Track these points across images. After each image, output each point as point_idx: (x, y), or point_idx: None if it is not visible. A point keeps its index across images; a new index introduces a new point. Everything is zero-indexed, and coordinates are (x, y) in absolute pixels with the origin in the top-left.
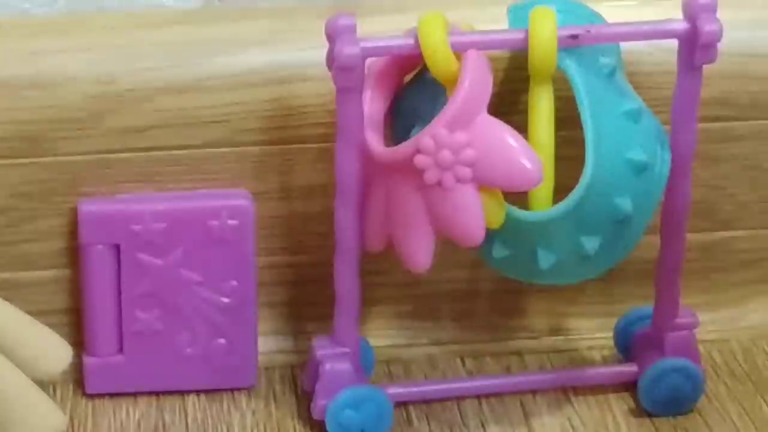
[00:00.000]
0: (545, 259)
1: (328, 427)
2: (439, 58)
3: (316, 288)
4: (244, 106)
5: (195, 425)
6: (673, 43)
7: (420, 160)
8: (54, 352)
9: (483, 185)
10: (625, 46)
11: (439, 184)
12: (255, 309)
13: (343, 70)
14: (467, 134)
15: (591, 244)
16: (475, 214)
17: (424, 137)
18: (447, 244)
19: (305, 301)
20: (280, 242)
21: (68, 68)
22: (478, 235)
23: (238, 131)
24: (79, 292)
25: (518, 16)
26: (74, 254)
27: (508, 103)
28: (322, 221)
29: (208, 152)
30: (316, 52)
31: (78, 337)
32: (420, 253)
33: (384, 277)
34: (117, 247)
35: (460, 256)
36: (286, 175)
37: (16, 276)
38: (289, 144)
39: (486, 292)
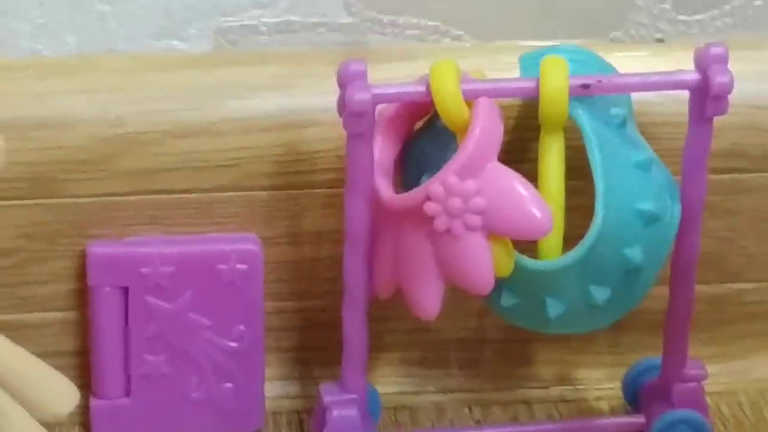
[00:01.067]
0: (554, 309)
1: None
2: (450, 105)
3: (324, 333)
4: (254, 150)
5: None
6: (684, 94)
7: (430, 207)
8: (61, 393)
9: (492, 233)
10: (636, 96)
11: (449, 231)
12: (262, 353)
13: (354, 116)
14: (477, 182)
15: (600, 294)
16: (484, 263)
17: (434, 184)
18: (455, 292)
19: (312, 347)
20: (288, 287)
21: (77, 110)
22: (487, 284)
23: (247, 175)
24: (86, 335)
25: (530, 64)
26: (81, 296)
27: (518, 151)
28: (331, 266)
29: (217, 196)
30: (327, 97)
31: (85, 379)
32: (428, 300)
33: (392, 324)
34: (125, 290)
35: (468, 303)
36: (295, 220)
37: (23, 317)
38: (298, 189)
39: (494, 340)
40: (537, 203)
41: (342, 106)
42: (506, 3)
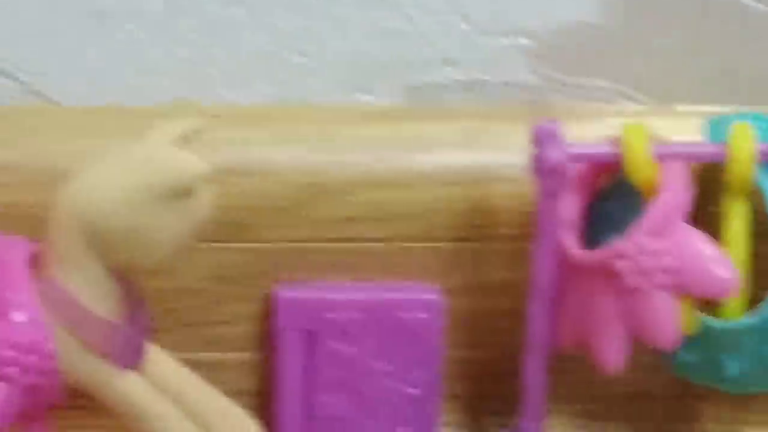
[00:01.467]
0: (732, 367)
1: None
2: (641, 167)
3: (500, 383)
4: (441, 203)
5: None
6: None
7: (620, 264)
8: (242, 429)
9: (679, 292)
10: None
11: (638, 289)
12: (439, 400)
13: (549, 175)
14: (667, 242)
15: None
16: (671, 320)
17: (625, 243)
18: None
19: (487, 395)
20: (467, 337)
21: (275, 158)
22: (674, 340)
23: (433, 227)
24: (268, 376)
25: (717, 129)
26: (265, 338)
27: (702, 212)
28: (509, 318)
29: (403, 246)
30: (511, 154)
31: (265, 419)
32: (614, 354)
33: (569, 376)
34: (310, 333)
35: (639, 358)
36: (477, 272)
37: (209, 356)
38: (481, 242)
39: (663, 396)
40: (724, 264)
41: (537, 164)
42: (687, 67)
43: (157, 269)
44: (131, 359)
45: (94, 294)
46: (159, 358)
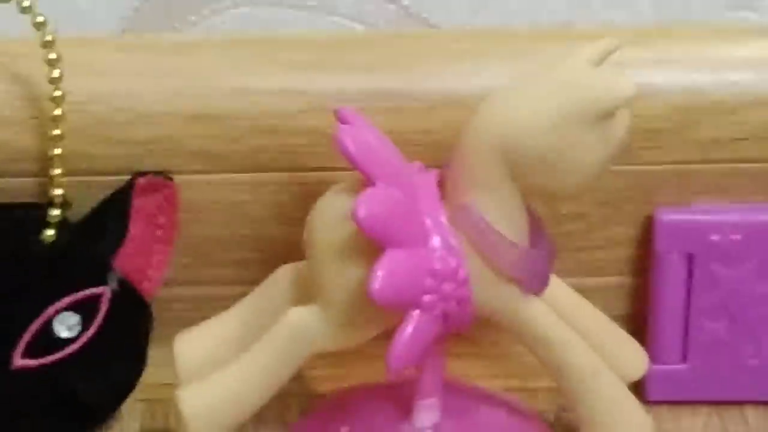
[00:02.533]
0: None
1: None
2: None
3: None
4: None
5: None
6: None
7: None
8: (633, 357)
9: None
10: None
11: None
12: None
13: None
14: None
15: None
16: None
17: None
18: None
19: None
20: None
21: (655, 79)
22: None
23: None
24: (643, 300)
25: None
26: (641, 262)
27: None
28: None
29: None
30: None
31: (641, 344)
32: None
33: None
34: (690, 257)
35: None
36: None
37: (588, 281)
38: None
39: None
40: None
41: None
42: None
43: (575, 194)
44: (539, 286)
45: (507, 219)
46: (555, 284)
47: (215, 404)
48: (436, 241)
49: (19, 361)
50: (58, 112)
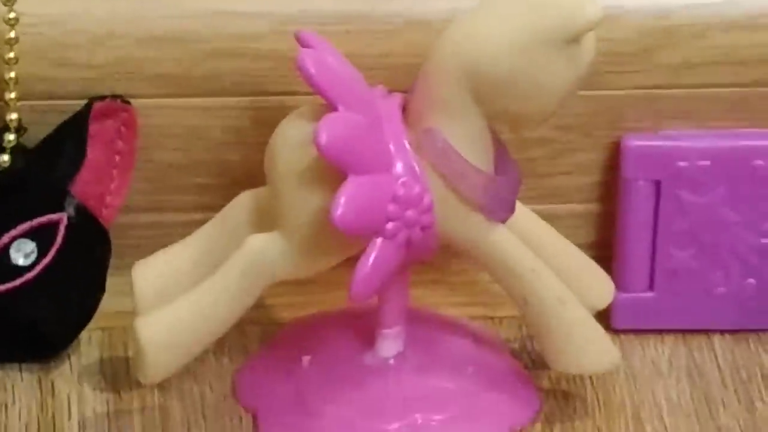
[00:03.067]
0: None
1: None
2: None
3: None
4: None
5: (726, 365)
6: None
7: None
8: (599, 285)
9: None
10: None
11: None
12: None
13: None
14: None
15: None
16: None
17: None
18: None
19: None
20: None
21: (622, 2)
22: None
23: None
24: (610, 227)
25: None
26: (608, 189)
27: None
28: None
29: (753, 91)
30: None
31: (608, 272)
32: None
33: None
34: (657, 183)
35: None
36: None
37: (550, 208)
38: None
39: None
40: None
41: None
42: None
43: (541, 120)
44: (504, 213)
45: (472, 146)
46: (520, 211)
47: (173, 333)
48: (399, 167)
49: None
50: (12, 34)
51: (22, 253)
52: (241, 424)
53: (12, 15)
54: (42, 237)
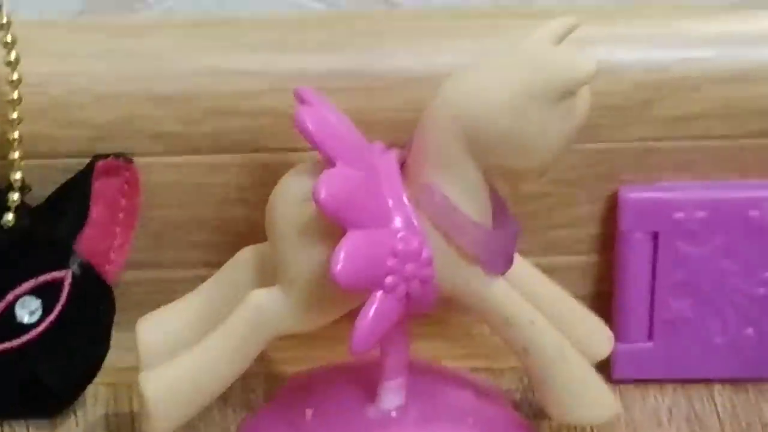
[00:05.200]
0: None
1: None
2: None
3: None
4: None
5: (726, 414)
6: None
7: None
8: (598, 336)
9: None
10: None
11: None
12: None
13: None
14: None
15: None
16: None
17: None
18: None
19: None
20: None
21: (617, 56)
22: None
23: None
24: (609, 279)
25: None
26: (605, 241)
27: None
28: None
29: (752, 143)
30: None
31: (606, 323)
32: None
33: None
34: (655, 235)
35: None
36: None
37: (548, 261)
38: None
39: None
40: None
41: None
42: None
43: (537, 173)
44: (503, 266)
45: (469, 199)
46: (519, 263)
47: (177, 388)
48: (398, 221)
49: None
50: (15, 95)
51: (27, 311)
52: None
53: (15, 77)
54: (47, 294)
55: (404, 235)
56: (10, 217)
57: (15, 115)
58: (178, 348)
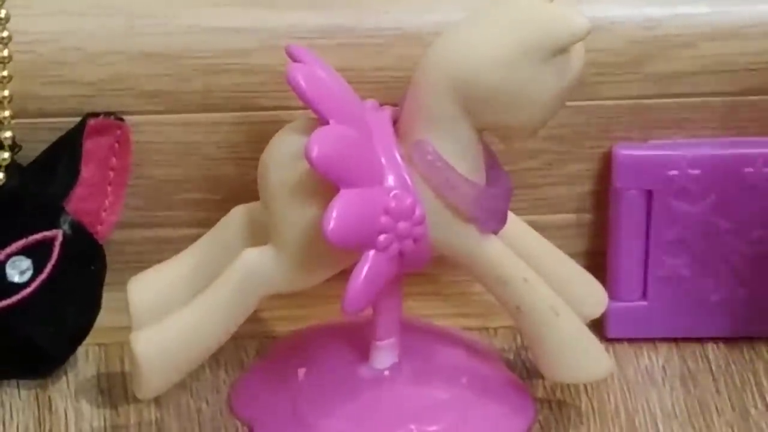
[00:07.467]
0: None
1: None
2: None
3: None
4: None
5: (719, 373)
6: None
7: None
8: (592, 295)
9: None
10: None
11: None
12: None
13: None
14: None
15: None
16: None
17: None
18: None
19: None
20: None
21: (613, 12)
22: None
23: None
24: (602, 237)
25: None
26: (599, 198)
27: None
28: None
29: (744, 100)
30: None
31: (600, 281)
32: None
33: None
34: (649, 193)
35: None
36: None
37: (542, 219)
38: None
39: None
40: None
41: None
42: None
43: (531, 131)
44: (496, 224)
45: (462, 157)
46: (512, 221)
47: (169, 347)
48: (390, 179)
49: None
50: (5, 53)
51: (18, 271)
52: None
53: (5, 34)
54: (37, 254)
55: (397, 192)
56: (0, 176)
57: (5, 73)
58: (169, 308)
